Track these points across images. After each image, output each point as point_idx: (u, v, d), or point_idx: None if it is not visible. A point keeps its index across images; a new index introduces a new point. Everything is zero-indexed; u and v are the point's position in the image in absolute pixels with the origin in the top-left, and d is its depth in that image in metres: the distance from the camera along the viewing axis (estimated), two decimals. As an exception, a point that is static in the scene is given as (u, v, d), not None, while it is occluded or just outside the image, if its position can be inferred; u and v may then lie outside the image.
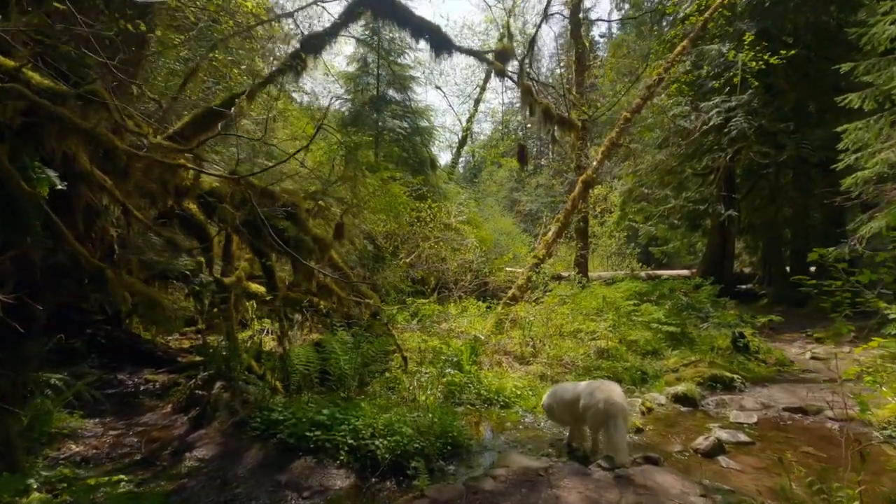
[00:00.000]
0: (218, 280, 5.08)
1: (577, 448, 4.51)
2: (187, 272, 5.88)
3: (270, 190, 4.03)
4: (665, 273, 17.14)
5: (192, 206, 4.12)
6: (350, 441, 3.88)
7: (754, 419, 5.59)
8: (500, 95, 43.07)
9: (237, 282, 5.29)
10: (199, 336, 7.64)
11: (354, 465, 3.77)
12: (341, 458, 3.78)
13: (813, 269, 16.75)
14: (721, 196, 13.30)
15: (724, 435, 5.00)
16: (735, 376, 6.93)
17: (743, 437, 5.01)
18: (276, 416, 4.26)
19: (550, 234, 9.18)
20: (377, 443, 3.89)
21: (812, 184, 14.09)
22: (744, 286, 17.62)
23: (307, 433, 3.97)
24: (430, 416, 4.49)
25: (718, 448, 4.65)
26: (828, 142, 12.01)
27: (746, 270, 21.21)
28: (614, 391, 4.15)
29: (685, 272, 17.80)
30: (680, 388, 6.41)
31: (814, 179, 14.26)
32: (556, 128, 6.34)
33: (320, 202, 4.62)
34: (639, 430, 5.24)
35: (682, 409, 6.11)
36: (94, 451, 4.03)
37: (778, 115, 12.41)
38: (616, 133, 9.70)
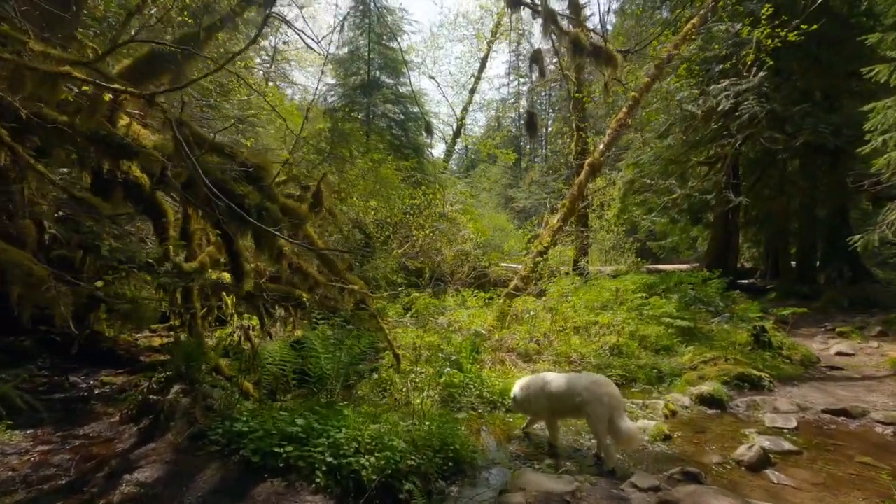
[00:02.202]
0: (176, 267, 4.30)
1: (530, 433, 4.50)
2: (150, 261, 5.12)
3: (222, 144, 3.25)
4: (666, 268, 16.56)
5: (137, 172, 3.36)
6: (329, 459, 3.14)
7: (794, 423, 4.94)
8: (498, 87, 42.28)
9: (201, 268, 4.50)
10: (172, 333, 6.91)
11: (334, 489, 3.02)
12: (317, 480, 3.03)
13: (817, 263, 16.32)
14: (730, 183, 12.68)
15: (765, 443, 4.34)
16: (763, 375, 6.28)
17: (787, 446, 4.35)
18: (239, 428, 3.50)
19: (556, 220, 8.48)
20: (363, 460, 3.15)
21: (820, 173, 13.55)
22: (744, 281, 17.10)
23: (276, 449, 3.22)
24: (428, 424, 3.77)
25: (764, 459, 3.99)
26: (841, 127, 11.48)
27: (747, 265, 20.72)
28: (612, 385, 4.02)
29: (685, 267, 17.25)
30: (705, 388, 5.75)
31: (821, 168, 13.71)
32: (589, 61, 5.52)
33: (292, 169, 3.88)
34: (666, 437, 4.56)
35: (709, 411, 5.46)
36: (10, 473, 3.25)
37: (790, 100, 11.82)
38: (624, 113, 9.02)
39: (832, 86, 12.67)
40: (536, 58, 5.99)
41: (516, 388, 4.49)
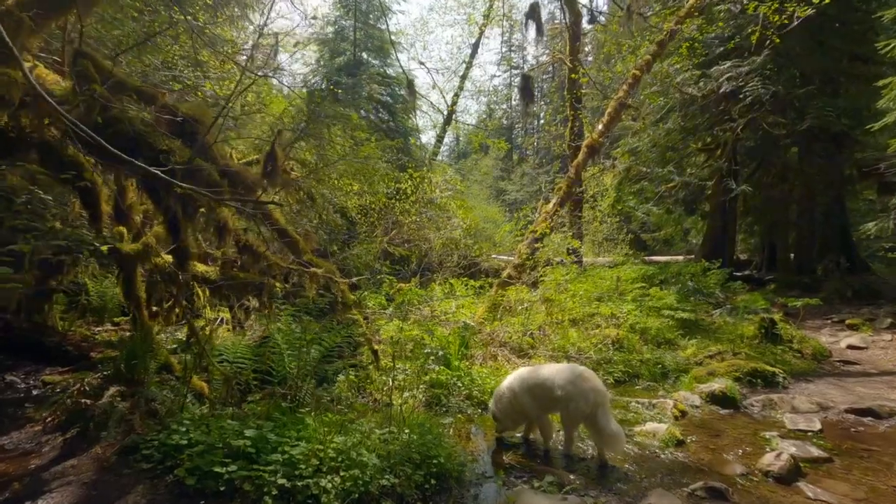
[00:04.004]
0: (114, 249, 3.65)
1: (533, 440, 4.00)
2: (96, 244, 4.45)
3: (140, 86, 2.55)
4: (660, 259, 16.13)
5: (53, 130, 2.70)
6: (281, 480, 2.54)
7: (817, 425, 4.45)
8: (490, 77, 41.44)
9: (145, 251, 3.85)
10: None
11: (287, 519, 2.43)
12: (266, 508, 2.44)
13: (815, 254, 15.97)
14: (732, 170, 12.19)
15: (792, 449, 3.83)
16: (776, 370, 5.81)
17: (816, 452, 3.85)
18: (177, 440, 2.89)
19: (551, 204, 7.92)
20: (324, 482, 2.56)
21: (820, 160, 13.10)
22: (740, 273, 16.75)
23: (217, 468, 2.62)
24: (407, 433, 3.19)
25: (795, 470, 3.47)
26: (846, 111, 11.05)
27: (742, 257, 20.40)
28: (596, 378, 3.71)
29: (680, 258, 16.86)
30: (716, 385, 5.26)
31: (821, 155, 13.28)
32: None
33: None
34: (679, 443, 4.03)
35: (722, 411, 4.97)
36: None
37: (793, 83, 11.35)
38: (624, 92, 8.45)
39: (835, 69, 12.23)
40: (533, 12, 5.39)
41: (492, 404, 3.99)
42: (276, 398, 3.48)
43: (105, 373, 3.96)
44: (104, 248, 3.51)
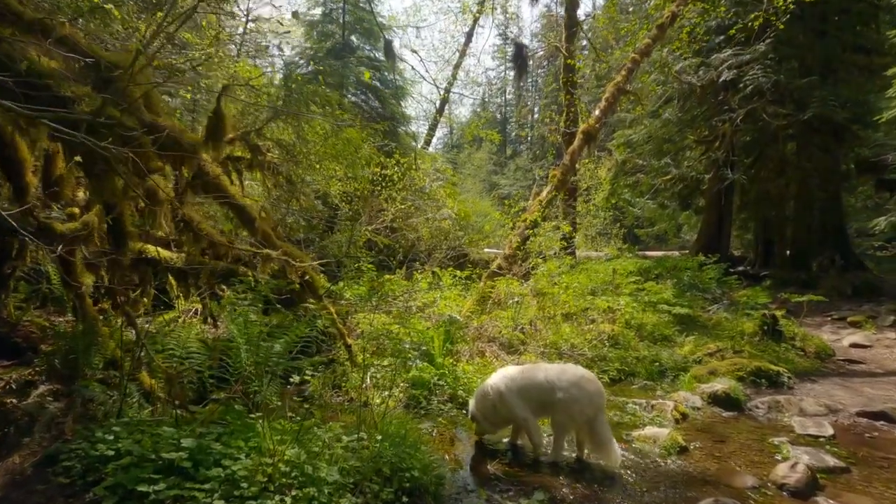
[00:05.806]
0: (45, 227, 3.17)
1: (521, 446, 3.64)
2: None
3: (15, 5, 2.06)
4: (655, 254, 15.85)
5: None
6: (219, 502, 2.11)
7: (829, 430, 4.11)
8: (484, 70, 40.86)
9: (84, 231, 3.38)
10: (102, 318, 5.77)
11: (223, 549, 2.01)
12: (198, 536, 2.01)
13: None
14: (729, 161, 11.85)
15: (804, 457, 3.48)
16: (780, 370, 5.47)
17: (831, 461, 3.50)
18: (102, 450, 2.45)
19: (545, 193, 7.52)
20: (270, 503, 2.14)
21: (819, 154, 12.81)
22: (733, 269, 16.53)
23: (142, 486, 2.18)
24: (379, 441, 2.77)
25: (812, 482, 3.12)
26: (847, 102, 10.76)
27: (735, 253, 20.23)
28: (598, 381, 3.50)
29: (674, 254, 16.62)
30: (718, 385, 4.92)
31: (820, 149, 12.99)
32: None
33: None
34: (682, 450, 3.66)
35: (725, 413, 4.63)
36: None
37: (794, 73, 11.02)
38: (622, 77, 8.05)
39: (836, 59, 11.93)
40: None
41: (473, 404, 3.63)
42: (230, 400, 3.05)
43: (37, 368, 3.51)
44: None
